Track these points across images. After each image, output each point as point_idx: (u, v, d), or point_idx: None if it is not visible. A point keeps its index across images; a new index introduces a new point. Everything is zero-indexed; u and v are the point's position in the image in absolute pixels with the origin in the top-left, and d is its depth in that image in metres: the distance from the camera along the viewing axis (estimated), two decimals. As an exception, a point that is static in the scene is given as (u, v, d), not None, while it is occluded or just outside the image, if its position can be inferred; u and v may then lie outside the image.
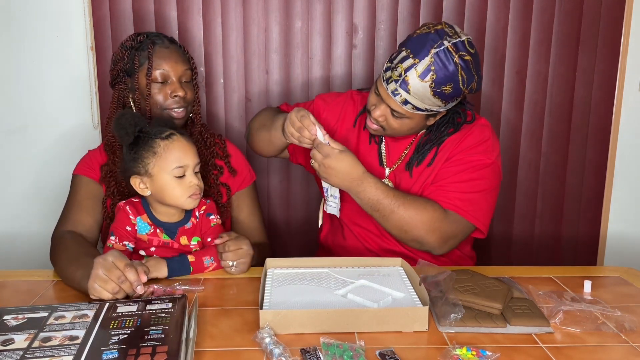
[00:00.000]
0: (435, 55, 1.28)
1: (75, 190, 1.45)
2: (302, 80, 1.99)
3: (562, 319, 1.08)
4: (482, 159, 1.44)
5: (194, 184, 1.31)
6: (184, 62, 1.48)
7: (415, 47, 1.31)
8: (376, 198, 1.38)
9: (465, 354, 0.95)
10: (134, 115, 1.32)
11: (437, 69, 1.28)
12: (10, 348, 0.92)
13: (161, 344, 0.92)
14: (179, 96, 1.45)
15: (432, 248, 1.41)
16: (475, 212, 1.42)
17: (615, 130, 2.05)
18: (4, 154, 2.00)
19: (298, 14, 1.94)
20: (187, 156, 1.31)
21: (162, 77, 1.45)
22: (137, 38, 1.48)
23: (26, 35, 1.91)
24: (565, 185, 2.08)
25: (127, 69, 1.46)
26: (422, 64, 1.29)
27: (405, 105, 1.34)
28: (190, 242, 1.37)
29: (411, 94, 1.32)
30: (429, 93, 1.31)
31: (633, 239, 2.16)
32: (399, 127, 1.42)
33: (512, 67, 1.99)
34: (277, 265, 1.30)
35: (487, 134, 1.48)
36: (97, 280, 1.11)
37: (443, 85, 1.30)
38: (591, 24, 1.97)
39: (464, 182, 1.43)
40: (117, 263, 1.12)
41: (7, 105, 1.96)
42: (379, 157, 1.55)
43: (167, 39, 1.50)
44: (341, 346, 0.96)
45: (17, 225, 2.04)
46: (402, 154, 1.53)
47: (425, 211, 1.39)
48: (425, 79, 1.29)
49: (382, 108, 1.39)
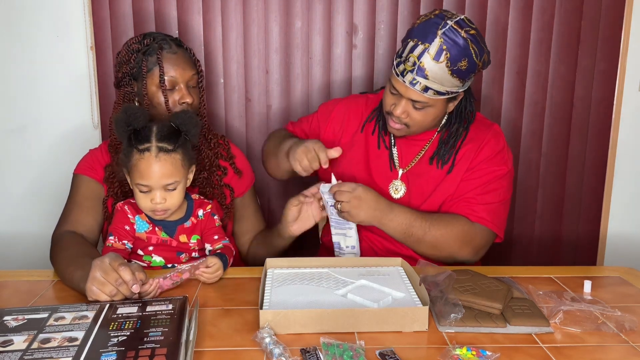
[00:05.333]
0: (444, 35, 1.30)
1: (75, 190, 1.44)
2: (302, 80, 1.99)
3: (562, 319, 1.08)
4: (502, 169, 1.47)
5: (156, 202, 1.28)
6: (191, 67, 1.46)
7: (421, 34, 1.33)
8: (407, 222, 1.40)
9: (465, 354, 0.95)
10: (131, 113, 1.28)
11: (449, 47, 1.30)
12: (9, 349, 0.92)
13: (160, 346, 0.91)
14: (187, 103, 1.44)
15: (465, 260, 1.45)
16: (498, 221, 1.47)
17: (615, 130, 2.05)
18: (4, 154, 2.00)
19: (298, 14, 1.94)
20: (152, 178, 1.26)
21: (170, 83, 1.43)
22: (143, 41, 1.45)
23: (26, 35, 1.91)
24: (565, 185, 2.08)
25: (134, 73, 1.44)
26: (433, 46, 1.30)
27: (426, 92, 1.34)
28: (189, 241, 1.37)
29: (429, 78, 1.32)
30: (447, 73, 1.32)
31: (633, 239, 2.15)
32: (423, 118, 1.41)
33: (512, 67, 1.99)
34: (277, 265, 1.30)
35: (502, 143, 1.51)
36: (95, 283, 1.10)
37: (458, 61, 1.31)
38: (591, 24, 1.97)
39: (487, 194, 1.45)
40: (113, 264, 1.11)
41: (7, 105, 1.96)
42: (390, 161, 1.54)
43: (174, 43, 1.47)
44: (341, 346, 0.96)
45: (17, 225, 2.04)
46: (418, 154, 1.53)
47: (455, 228, 1.42)
48: (440, 60, 1.30)
49: (403, 104, 1.39)
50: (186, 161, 1.31)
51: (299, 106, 2.00)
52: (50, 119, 1.97)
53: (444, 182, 1.48)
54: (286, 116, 2.00)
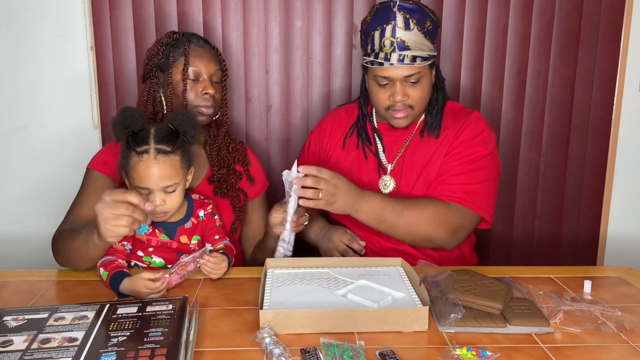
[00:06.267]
0: (400, 9, 1.40)
1: (85, 184, 1.45)
2: (302, 80, 1.99)
3: (562, 319, 1.08)
4: (481, 150, 1.48)
5: (156, 204, 1.27)
6: (215, 62, 1.52)
7: (379, 21, 1.42)
8: (380, 206, 1.39)
9: (465, 354, 0.95)
10: (129, 115, 1.28)
11: (411, 15, 1.40)
12: (9, 349, 0.92)
13: (160, 346, 0.91)
14: (209, 94, 1.48)
15: (444, 243, 1.44)
16: (479, 202, 1.45)
17: (615, 130, 2.05)
18: (4, 154, 1.99)
19: (298, 14, 1.94)
20: (151, 180, 1.25)
21: (194, 74, 1.48)
22: (173, 35, 1.52)
23: (26, 35, 1.91)
24: (565, 185, 2.08)
25: (161, 64, 1.49)
26: (398, 21, 1.40)
27: (415, 62, 1.40)
28: (190, 242, 1.37)
29: (412, 48, 1.40)
30: (421, 37, 1.41)
31: (633, 239, 2.15)
32: (422, 92, 1.46)
33: (512, 67, 1.99)
34: (277, 265, 1.30)
35: (482, 126, 1.52)
36: (109, 223, 1.11)
37: (424, 23, 1.42)
38: (591, 24, 1.97)
39: (464, 174, 1.46)
40: (116, 197, 1.11)
41: (7, 105, 1.96)
42: (378, 166, 1.57)
43: (201, 39, 1.54)
44: (341, 346, 0.96)
45: (17, 225, 2.04)
46: (403, 145, 1.56)
47: (427, 208, 1.42)
48: (411, 28, 1.40)
49: (399, 87, 1.43)
50: (185, 162, 1.31)
51: (299, 106, 2.00)
52: (50, 119, 1.97)
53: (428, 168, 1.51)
54: (286, 116, 2.01)
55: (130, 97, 1.95)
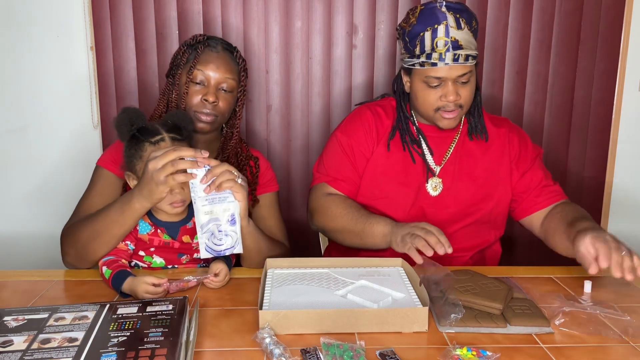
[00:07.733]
0: (449, 9, 1.39)
1: (93, 182, 1.44)
2: (302, 80, 1.99)
3: (562, 319, 1.08)
4: (537, 149, 1.61)
5: (176, 193, 1.27)
6: (228, 71, 1.47)
7: (428, 22, 1.40)
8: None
9: (466, 354, 0.95)
10: (132, 113, 1.30)
11: (460, 14, 1.40)
12: (9, 350, 0.92)
13: (160, 347, 0.91)
14: (208, 101, 1.44)
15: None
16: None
17: (615, 130, 2.05)
18: (4, 154, 2.00)
19: (298, 14, 1.94)
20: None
21: (199, 78, 1.45)
22: (196, 37, 1.51)
23: (27, 35, 1.91)
24: (565, 185, 2.08)
25: (177, 64, 1.49)
26: (449, 20, 1.38)
27: (468, 60, 1.40)
28: (192, 241, 1.37)
29: (464, 47, 1.39)
30: (471, 36, 1.41)
31: (633, 238, 2.15)
32: (470, 91, 1.46)
33: (512, 67, 1.99)
34: (277, 266, 1.30)
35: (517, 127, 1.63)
36: (162, 172, 1.14)
37: (472, 22, 1.42)
38: (591, 24, 1.97)
39: (548, 176, 1.59)
40: (163, 155, 1.15)
41: (7, 105, 1.96)
42: (426, 169, 1.52)
43: (222, 45, 1.50)
44: (341, 346, 0.95)
45: (17, 225, 2.04)
46: (450, 146, 1.54)
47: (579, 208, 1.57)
48: (462, 27, 1.39)
49: (450, 87, 1.42)
50: None
51: (299, 106, 2.00)
52: (50, 119, 1.97)
53: (480, 165, 1.53)
54: (286, 116, 2.01)
55: (130, 97, 1.95)
